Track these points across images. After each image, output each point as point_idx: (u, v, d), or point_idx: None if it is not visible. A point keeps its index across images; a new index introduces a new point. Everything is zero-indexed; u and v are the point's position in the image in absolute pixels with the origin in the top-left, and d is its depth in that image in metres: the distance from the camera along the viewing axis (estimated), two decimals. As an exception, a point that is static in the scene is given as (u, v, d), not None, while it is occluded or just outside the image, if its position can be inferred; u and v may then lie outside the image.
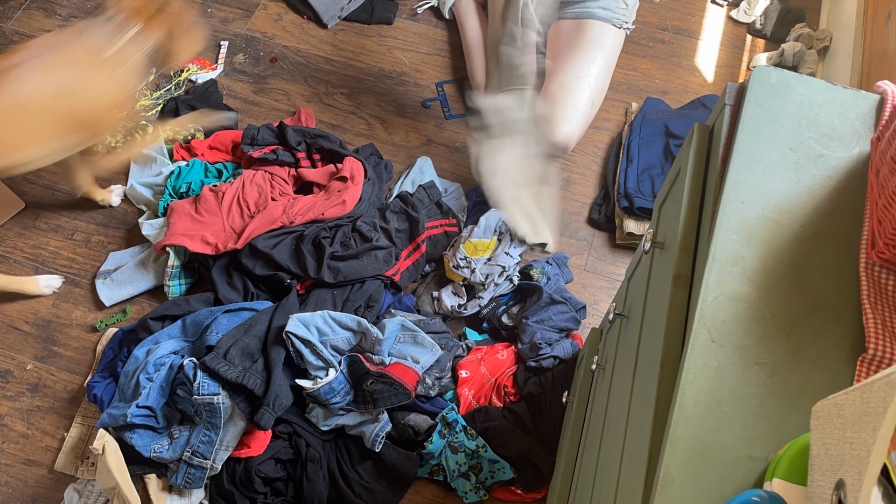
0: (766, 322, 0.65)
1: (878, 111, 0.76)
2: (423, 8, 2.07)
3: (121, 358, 1.50)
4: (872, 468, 0.41)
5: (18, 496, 1.45)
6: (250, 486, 1.39)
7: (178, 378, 1.40)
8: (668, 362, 0.69)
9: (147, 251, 1.66)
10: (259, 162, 1.71)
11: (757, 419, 0.61)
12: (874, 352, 0.62)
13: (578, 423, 1.22)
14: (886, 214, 0.64)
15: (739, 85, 0.80)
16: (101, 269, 1.67)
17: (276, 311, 1.47)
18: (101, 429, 1.37)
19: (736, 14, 2.07)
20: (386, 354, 1.41)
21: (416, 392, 1.43)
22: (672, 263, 0.76)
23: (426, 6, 2.07)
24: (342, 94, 1.93)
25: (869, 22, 1.73)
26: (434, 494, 1.46)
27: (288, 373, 1.41)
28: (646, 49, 2.02)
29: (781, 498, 0.53)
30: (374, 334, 1.42)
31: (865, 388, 0.43)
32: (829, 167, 0.73)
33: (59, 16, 2.04)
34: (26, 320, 1.62)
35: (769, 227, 0.69)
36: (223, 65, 1.97)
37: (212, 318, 1.47)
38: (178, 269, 1.59)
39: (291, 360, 1.41)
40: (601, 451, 0.93)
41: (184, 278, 1.60)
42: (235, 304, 1.51)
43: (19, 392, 1.55)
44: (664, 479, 0.59)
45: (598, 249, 1.73)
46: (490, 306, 1.59)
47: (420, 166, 1.77)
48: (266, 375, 1.37)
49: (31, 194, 1.77)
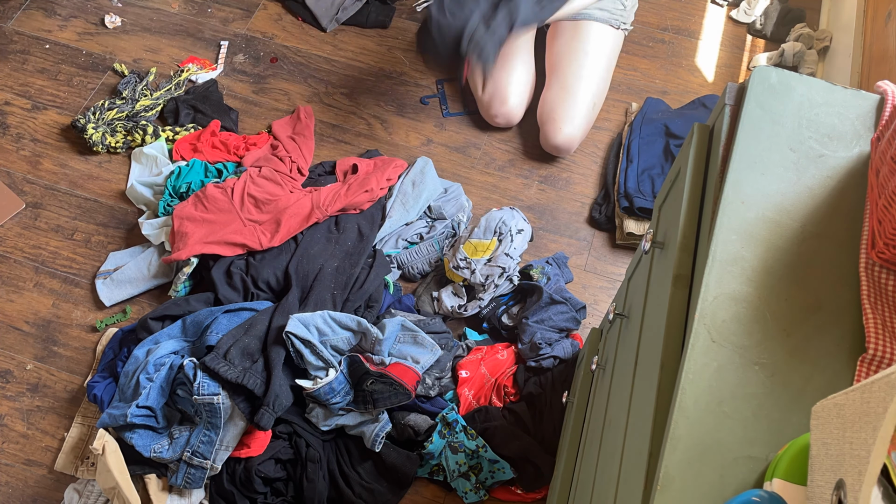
0: (766, 322, 0.65)
1: (878, 111, 0.76)
2: (423, 7, 2.07)
3: (121, 358, 1.50)
4: (872, 468, 0.41)
5: (18, 496, 1.45)
6: (250, 486, 1.38)
7: (178, 378, 1.39)
8: (668, 362, 0.69)
9: (147, 251, 1.66)
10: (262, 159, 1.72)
11: (757, 419, 0.61)
12: (874, 352, 0.62)
13: (578, 423, 1.22)
14: (886, 214, 0.64)
15: (739, 85, 0.80)
16: (100, 269, 1.67)
17: (275, 310, 1.47)
18: (101, 429, 1.37)
19: (736, 14, 2.07)
20: (386, 354, 1.41)
21: (416, 392, 1.43)
22: (672, 263, 0.76)
23: (425, 5, 2.07)
24: (342, 94, 1.93)
25: (869, 22, 1.73)
26: (434, 495, 1.46)
27: (288, 373, 1.41)
28: (646, 49, 2.02)
29: (781, 498, 0.53)
30: (374, 334, 1.42)
31: (865, 388, 0.43)
32: (829, 167, 0.73)
33: (60, 16, 2.04)
34: (26, 320, 1.62)
35: (769, 227, 0.69)
36: (223, 65, 1.97)
37: (212, 318, 1.47)
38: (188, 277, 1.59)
39: (291, 360, 1.41)
40: (601, 451, 0.93)
41: (188, 280, 1.60)
42: (235, 305, 1.51)
43: (19, 392, 1.55)
44: (664, 479, 0.59)
45: (598, 249, 1.73)
46: (490, 306, 1.59)
47: (421, 167, 1.77)
48: (266, 375, 1.37)
49: (31, 194, 1.77)
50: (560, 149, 1.77)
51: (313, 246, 1.58)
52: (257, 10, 2.07)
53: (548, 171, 1.83)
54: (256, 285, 1.56)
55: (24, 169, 1.80)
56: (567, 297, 1.56)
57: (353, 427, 1.42)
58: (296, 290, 1.52)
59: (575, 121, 1.74)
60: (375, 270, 1.58)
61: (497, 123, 1.82)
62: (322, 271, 1.54)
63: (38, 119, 1.87)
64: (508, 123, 1.84)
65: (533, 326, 1.51)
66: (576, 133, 1.75)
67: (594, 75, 1.76)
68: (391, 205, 1.71)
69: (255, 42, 2.01)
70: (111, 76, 1.94)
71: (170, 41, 2.00)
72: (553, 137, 1.75)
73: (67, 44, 1.99)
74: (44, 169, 1.80)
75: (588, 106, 1.76)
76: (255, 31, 2.03)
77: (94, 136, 1.77)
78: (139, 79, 1.90)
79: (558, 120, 1.74)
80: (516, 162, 1.84)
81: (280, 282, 1.56)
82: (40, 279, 1.66)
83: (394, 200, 1.71)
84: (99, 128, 1.79)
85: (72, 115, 1.88)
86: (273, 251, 1.58)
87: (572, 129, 1.74)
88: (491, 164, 1.83)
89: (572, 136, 1.75)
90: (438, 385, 1.48)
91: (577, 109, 1.74)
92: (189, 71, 1.91)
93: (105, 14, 2.03)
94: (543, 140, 1.78)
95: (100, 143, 1.78)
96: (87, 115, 1.81)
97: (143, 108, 1.85)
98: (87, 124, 1.78)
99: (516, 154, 1.85)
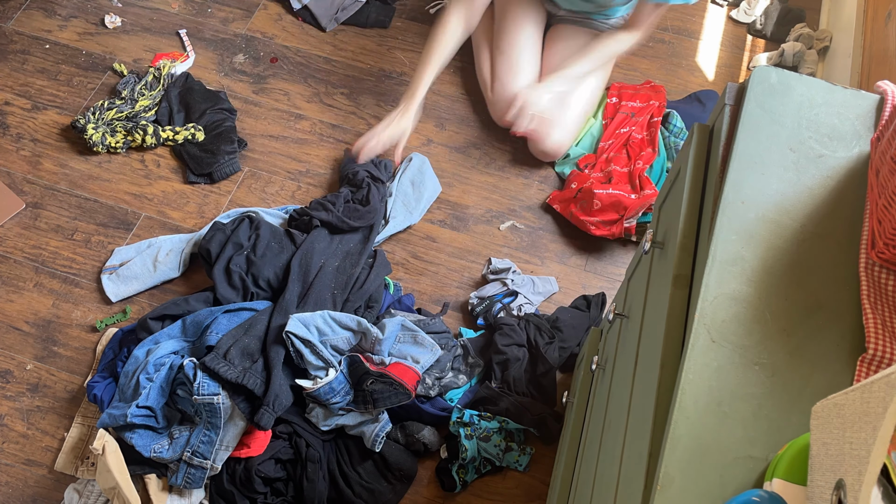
0: (766, 322, 0.65)
1: (878, 111, 0.76)
2: (436, 9, 2.07)
3: (121, 358, 1.50)
4: (872, 468, 0.41)
5: (18, 496, 1.45)
6: (250, 486, 1.38)
7: (177, 378, 1.39)
8: (668, 362, 0.69)
9: (153, 247, 1.66)
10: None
11: (757, 419, 0.61)
12: (874, 352, 0.62)
13: (578, 422, 1.22)
14: (886, 214, 0.64)
15: (739, 85, 0.80)
16: (106, 264, 1.67)
17: (274, 309, 1.47)
18: (101, 429, 1.38)
19: (736, 14, 2.07)
20: (386, 354, 1.41)
21: (416, 392, 1.43)
22: (672, 263, 0.76)
23: (439, 6, 2.07)
24: (342, 94, 1.93)
25: (869, 22, 1.73)
26: (434, 495, 1.46)
27: (288, 373, 1.41)
28: (646, 49, 2.02)
29: (781, 498, 0.53)
30: (374, 334, 1.42)
31: (865, 388, 0.43)
32: (829, 167, 0.73)
33: (60, 16, 2.04)
34: (26, 320, 1.62)
35: (769, 227, 0.69)
36: (193, 51, 1.96)
37: (211, 318, 1.47)
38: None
39: (291, 360, 1.41)
40: (601, 451, 0.93)
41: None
42: (235, 304, 1.51)
43: (19, 392, 1.55)
44: (664, 479, 0.59)
45: (599, 249, 1.73)
46: (484, 304, 1.60)
47: (418, 166, 1.76)
48: (266, 375, 1.37)
49: (31, 194, 1.77)
50: (548, 154, 1.77)
51: (315, 245, 1.58)
52: (257, 10, 2.07)
53: (548, 171, 1.83)
54: (257, 284, 1.56)
55: (24, 169, 1.80)
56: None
57: (354, 427, 1.42)
58: (295, 284, 1.52)
59: (566, 128, 1.74)
60: (376, 271, 1.58)
61: (504, 124, 1.83)
62: (323, 270, 1.54)
63: (38, 119, 1.87)
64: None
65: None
66: (565, 139, 1.75)
67: (588, 85, 1.77)
68: (392, 206, 1.70)
69: (255, 42, 2.01)
70: (111, 76, 1.94)
71: (170, 41, 2.00)
72: (542, 143, 1.75)
73: (67, 44, 1.99)
74: (44, 169, 1.80)
75: (580, 113, 1.76)
76: (255, 31, 2.03)
77: (95, 137, 1.77)
78: (138, 79, 1.90)
79: (548, 126, 1.74)
80: (516, 162, 1.84)
81: (280, 280, 1.56)
82: (40, 279, 1.66)
83: (394, 201, 1.71)
84: (99, 128, 1.79)
85: (72, 116, 1.88)
86: (273, 249, 1.58)
87: (562, 136, 1.74)
88: (491, 164, 1.83)
89: (562, 142, 1.75)
90: (438, 385, 1.48)
91: (569, 116, 1.74)
92: (167, 67, 1.90)
93: (105, 14, 2.03)
94: (532, 144, 1.78)
95: (100, 144, 1.78)
96: (86, 116, 1.81)
97: (143, 109, 1.85)
98: (87, 125, 1.78)
99: (516, 154, 1.85)
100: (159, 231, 1.73)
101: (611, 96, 1.87)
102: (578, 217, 1.68)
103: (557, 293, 1.67)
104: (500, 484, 1.48)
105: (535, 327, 1.54)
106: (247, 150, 1.84)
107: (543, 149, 1.76)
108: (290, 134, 1.87)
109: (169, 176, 1.80)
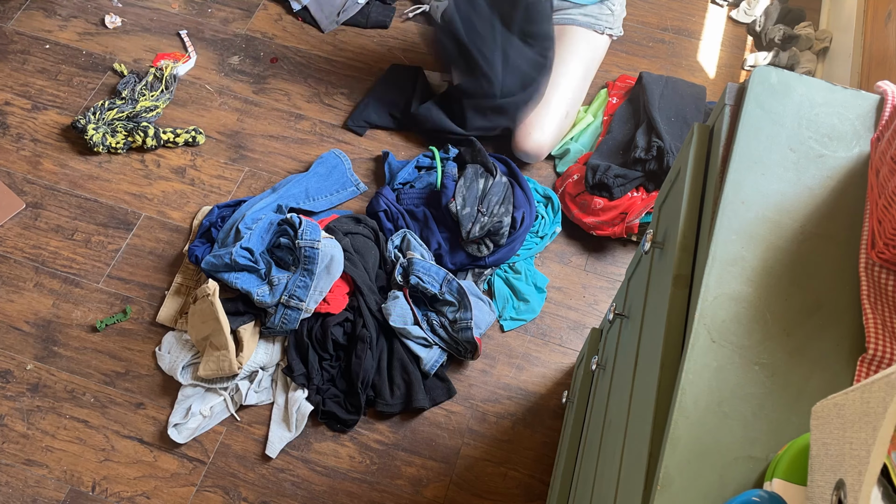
0: (766, 322, 0.65)
1: (878, 111, 0.76)
2: (415, 13, 2.07)
3: (216, 226, 1.65)
4: (872, 468, 0.41)
5: (18, 496, 1.45)
6: (323, 344, 1.53)
7: (278, 230, 1.57)
8: (668, 362, 0.69)
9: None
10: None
11: (757, 419, 0.61)
12: (874, 352, 0.62)
13: (578, 422, 1.22)
14: (886, 214, 0.64)
15: (739, 85, 0.80)
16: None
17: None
18: (208, 278, 1.55)
19: (736, 14, 2.07)
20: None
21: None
22: (672, 263, 0.76)
23: (418, 11, 2.07)
24: (342, 94, 1.93)
25: (869, 22, 1.73)
26: (434, 495, 1.47)
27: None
28: (646, 49, 2.02)
29: (781, 498, 0.53)
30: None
31: (865, 388, 0.43)
32: (829, 167, 0.73)
33: (60, 16, 2.04)
34: (26, 320, 1.62)
35: (769, 227, 0.69)
36: (194, 52, 1.97)
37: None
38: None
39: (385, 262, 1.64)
40: (601, 451, 0.93)
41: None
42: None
43: (19, 392, 1.55)
44: (664, 479, 0.59)
45: (599, 249, 1.73)
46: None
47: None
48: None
49: (31, 194, 1.77)
50: (529, 155, 1.77)
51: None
52: (257, 10, 2.07)
53: (548, 170, 1.83)
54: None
55: (24, 169, 1.80)
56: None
57: (411, 340, 1.55)
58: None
59: (546, 128, 1.74)
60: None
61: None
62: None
63: (38, 119, 1.87)
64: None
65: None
66: (545, 140, 1.75)
67: (570, 84, 1.77)
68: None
69: (255, 42, 2.01)
70: (111, 76, 1.94)
71: (170, 41, 2.00)
72: (522, 143, 1.75)
73: (67, 44, 1.99)
74: (44, 169, 1.80)
75: (560, 114, 1.76)
76: (255, 31, 2.03)
77: (95, 137, 1.77)
78: (138, 79, 1.90)
79: (529, 126, 1.74)
80: (517, 163, 1.83)
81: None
82: (40, 279, 1.67)
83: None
84: (99, 128, 1.79)
85: (72, 116, 1.88)
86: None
87: (542, 136, 1.74)
88: (491, 164, 1.83)
89: (541, 143, 1.75)
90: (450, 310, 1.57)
91: (550, 117, 1.74)
92: (169, 68, 1.90)
93: (105, 14, 2.04)
94: (513, 144, 1.77)
95: (100, 144, 1.78)
96: (87, 116, 1.81)
97: (144, 109, 1.85)
98: (88, 125, 1.78)
99: (514, 155, 1.84)
100: (159, 231, 1.73)
101: (611, 96, 1.87)
102: (579, 217, 1.68)
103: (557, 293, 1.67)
104: (500, 484, 1.48)
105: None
106: (247, 150, 1.84)
107: (524, 149, 1.76)
108: (290, 134, 1.87)
109: (169, 176, 1.80)
